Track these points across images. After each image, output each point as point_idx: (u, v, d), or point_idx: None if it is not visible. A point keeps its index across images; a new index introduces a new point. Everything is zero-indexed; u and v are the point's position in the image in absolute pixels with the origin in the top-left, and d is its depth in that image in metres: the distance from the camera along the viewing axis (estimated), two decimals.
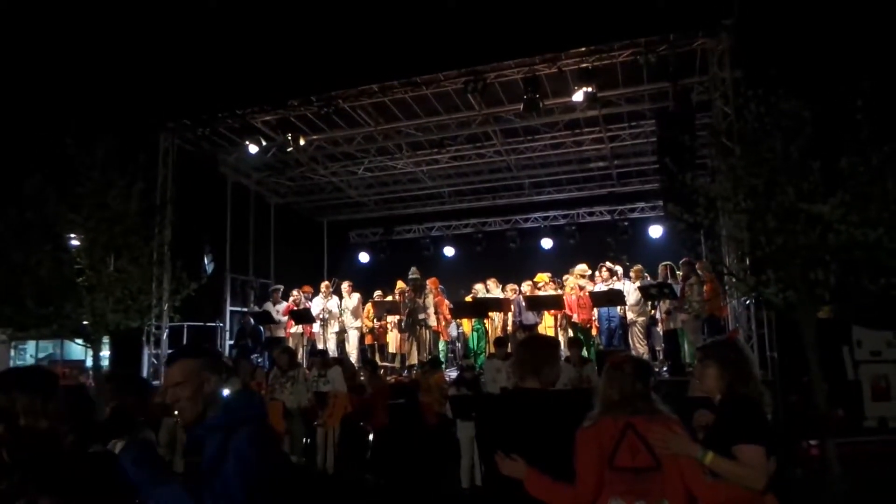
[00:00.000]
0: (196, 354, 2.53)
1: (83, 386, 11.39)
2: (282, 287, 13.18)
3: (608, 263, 11.48)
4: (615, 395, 2.74)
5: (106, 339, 9.82)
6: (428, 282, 12.32)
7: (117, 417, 3.28)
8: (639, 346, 10.74)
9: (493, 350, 9.47)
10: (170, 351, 11.17)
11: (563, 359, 6.51)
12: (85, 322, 9.13)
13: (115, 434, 2.71)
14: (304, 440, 8.83)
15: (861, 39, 7.43)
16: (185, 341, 12.01)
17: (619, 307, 10.99)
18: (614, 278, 11.32)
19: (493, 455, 2.91)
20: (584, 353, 8.76)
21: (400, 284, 12.94)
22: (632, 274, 11.35)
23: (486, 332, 11.95)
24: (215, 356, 2.66)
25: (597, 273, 11.54)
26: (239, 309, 14.04)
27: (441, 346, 12.57)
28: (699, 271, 9.92)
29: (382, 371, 10.94)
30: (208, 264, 11.60)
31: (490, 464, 2.95)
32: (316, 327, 12.42)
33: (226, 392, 2.57)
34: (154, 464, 2.26)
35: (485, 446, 3.30)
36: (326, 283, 12.95)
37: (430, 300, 12.01)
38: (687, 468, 2.62)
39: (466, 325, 12.74)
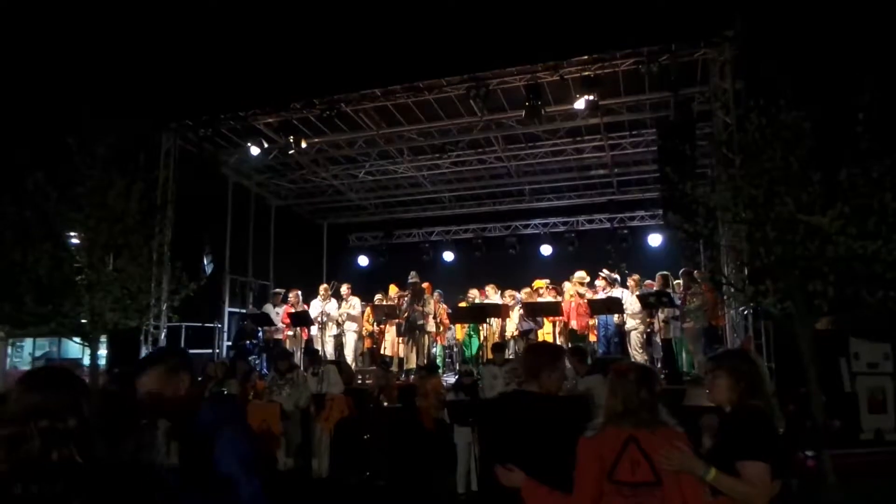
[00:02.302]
0: (163, 359, 2.59)
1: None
2: (283, 291, 13.18)
3: (605, 271, 11.50)
4: (619, 405, 2.70)
5: (104, 339, 9.81)
6: (423, 286, 12.32)
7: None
8: (637, 354, 10.74)
9: (490, 356, 9.45)
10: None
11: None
12: (83, 321, 9.13)
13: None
14: (299, 443, 8.83)
15: (862, 51, 7.47)
16: (182, 342, 12.02)
17: (615, 315, 11.00)
18: (613, 286, 11.33)
19: (490, 459, 2.91)
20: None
21: (393, 289, 12.94)
22: (630, 282, 11.37)
23: (480, 338, 11.93)
24: (181, 355, 2.73)
25: (597, 281, 11.54)
26: (237, 310, 14.05)
27: (437, 350, 12.57)
28: (698, 280, 9.94)
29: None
30: (208, 265, 11.60)
31: (487, 467, 2.96)
32: (314, 330, 12.42)
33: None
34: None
35: (483, 448, 3.37)
36: (325, 285, 12.95)
37: (430, 306, 12.02)
38: (687, 485, 2.58)
39: (459, 330, 12.74)
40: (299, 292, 12.79)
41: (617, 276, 11.43)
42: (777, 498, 2.71)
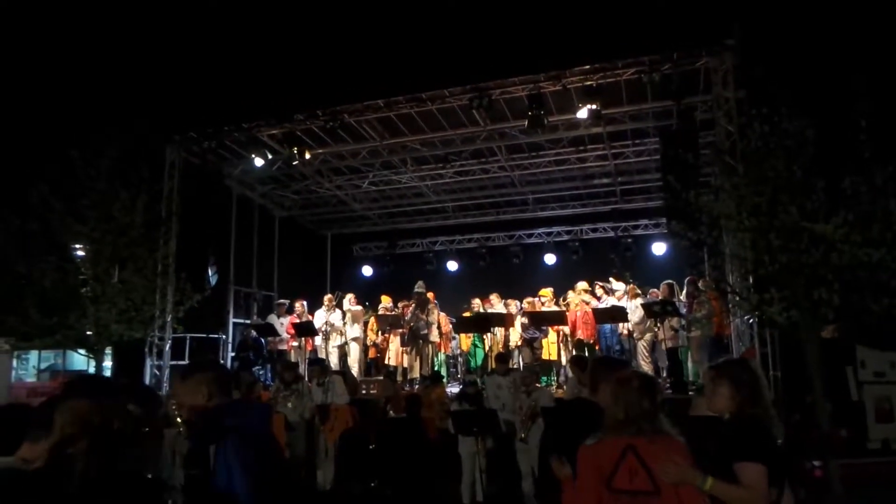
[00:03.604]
0: (195, 371, 2.60)
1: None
2: (287, 302, 13.20)
3: (611, 280, 11.47)
4: (620, 412, 2.71)
5: (109, 350, 9.84)
6: (427, 295, 12.32)
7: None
8: (643, 364, 10.69)
9: (494, 366, 9.42)
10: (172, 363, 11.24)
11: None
12: (88, 332, 9.15)
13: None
14: (304, 454, 8.80)
15: (864, 60, 7.48)
16: (187, 353, 12.04)
17: (617, 324, 10.95)
18: (610, 296, 11.29)
19: (547, 452, 3.05)
20: None
21: (385, 299, 12.93)
22: (627, 292, 11.30)
23: (485, 347, 11.90)
24: (214, 369, 2.69)
25: (596, 290, 11.51)
26: (242, 321, 14.06)
27: (440, 357, 12.53)
28: (703, 289, 9.91)
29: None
30: (212, 276, 11.63)
31: (545, 458, 3.13)
32: (318, 340, 12.41)
33: None
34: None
35: (544, 440, 3.60)
36: (329, 296, 12.95)
37: (433, 315, 12.01)
38: (686, 495, 2.59)
39: (464, 340, 12.71)
40: (305, 302, 12.81)
41: (613, 287, 11.40)
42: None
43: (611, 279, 11.54)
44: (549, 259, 15.65)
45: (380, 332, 12.81)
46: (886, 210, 6.34)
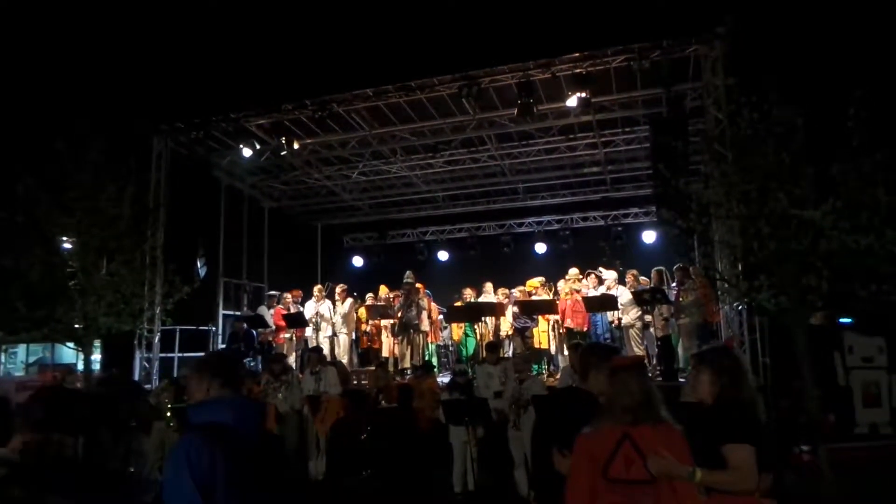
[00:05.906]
0: (198, 365, 2.59)
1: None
2: (278, 293, 13.15)
3: (601, 269, 11.49)
4: (623, 399, 2.70)
5: (97, 343, 9.77)
6: (417, 285, 12.32)
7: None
8: (637, 350, 10.73)
9: (484, 355, 9.43)
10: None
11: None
12: (77, 326, 9.08)
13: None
14: (296, 445, 8.80)
15: (854, 47, 7.49)
16: (177, 345, 11.98)
17: (609, 313, 10.98)
18: (602, 286, 11.32)
19: (542, 444, 3.02)
20: None
21: (383, 289, 12.92)
22: (629, 278, 11.35)
23: (477, 336, 11.90)
24: (211, 361, 2.65)
25: (584, 280, 11.53)
26: (232, 313, 14.00)
27: (431, 347, 12.53)
28: (692, 276, 9.95)
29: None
30: (201, 268, 11.55)
31: (539, 450, 3.09)
32: (308, 331, 12.39)
33: None
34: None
35: (537, 432, 3.58)
36: (319, 286, 12.91)
37: (424, 302, 12.01)
38: (680, 485, 2.59)
39: (456, 330, 12.71)
40: (301, 294, 12.79)
41: (604, 276, 11.42)
42: (769, 492, 2.74)
43: (601, 268, 11.56)
44: (540, 248, 15.67)
45: (369, 321, 12.79)
46: (874, 197, 6.37)
